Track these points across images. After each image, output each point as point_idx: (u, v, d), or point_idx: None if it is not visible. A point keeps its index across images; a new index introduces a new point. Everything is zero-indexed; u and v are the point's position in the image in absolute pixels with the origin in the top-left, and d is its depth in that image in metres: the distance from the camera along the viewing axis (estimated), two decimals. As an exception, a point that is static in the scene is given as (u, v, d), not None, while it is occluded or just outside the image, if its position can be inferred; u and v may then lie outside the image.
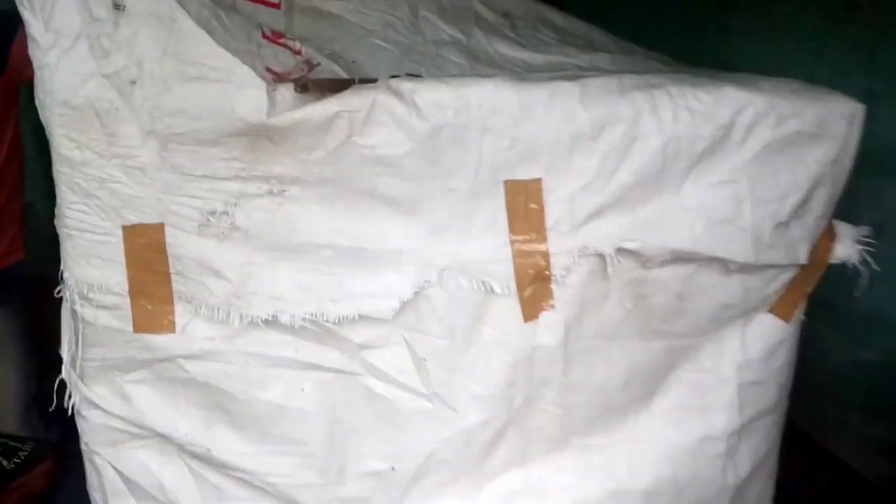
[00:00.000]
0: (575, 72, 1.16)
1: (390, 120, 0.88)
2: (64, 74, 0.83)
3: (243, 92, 0.83)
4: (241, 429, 0.97)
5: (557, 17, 1.42)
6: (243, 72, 0.83)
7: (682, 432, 1.09)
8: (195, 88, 0.83)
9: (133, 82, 0.83)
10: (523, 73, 1.18)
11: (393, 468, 1.01)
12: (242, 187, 0.89)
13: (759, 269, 1.04)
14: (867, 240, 1.12)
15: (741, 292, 1.06)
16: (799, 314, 1.12)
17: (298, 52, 0.98)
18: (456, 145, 0.91)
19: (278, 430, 0.98)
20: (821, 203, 1.05)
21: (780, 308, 1.10)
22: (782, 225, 1.03)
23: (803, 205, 1.04)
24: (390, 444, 1.01)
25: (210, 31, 0.85)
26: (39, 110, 0.86)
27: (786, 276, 1.08)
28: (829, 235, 1.10)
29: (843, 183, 1.06)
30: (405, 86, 0.89)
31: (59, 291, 0.95)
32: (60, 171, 0.87)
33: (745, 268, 1.03)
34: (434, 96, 0.89)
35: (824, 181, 1.04)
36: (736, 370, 1.10)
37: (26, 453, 1.76)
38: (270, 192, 0.90)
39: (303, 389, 0.98)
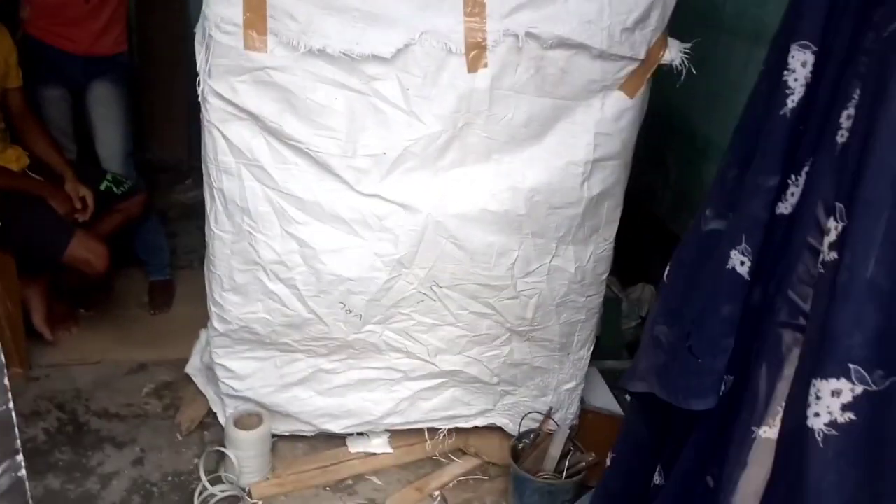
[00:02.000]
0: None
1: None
2: None
3: None
4: (299, 117, 1.69)
5: None
6: None
7: (557, 158, 1.82)
8: None
9: None
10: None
11: (384, 153, 1.74)
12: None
13: (612, 57, 1.73)
14: (687, 50, 1.80)
15: (601, 73, 1.76)
16: (639, 93, 1.82)
17: None
18: (435, -44, 1.59)
19: (320, 120, 1.69)
20: (654, 20, 1.73)
21: (626, 87, 1.80)
22: (628, 30, 1.71)
23: (643, 20, 1.72)
24: (384, 139, 1.73)
25: None
26: None
27: (631, 66, 1.77)
28: (662, 44, 1.78)
29: (671, 9, 1.74)
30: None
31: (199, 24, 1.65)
32: (211, -54, 1.55)
33: (603, 55, 1.72)
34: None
35: (657, 5, 1.71)
36: (594, 124, 1.81)
37: (129, 186, 2.52)
38: (327, -28, 1.58)
39: (336, 98, 1.69)
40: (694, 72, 1.81)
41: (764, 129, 0.93)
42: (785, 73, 0.90)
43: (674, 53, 1.79)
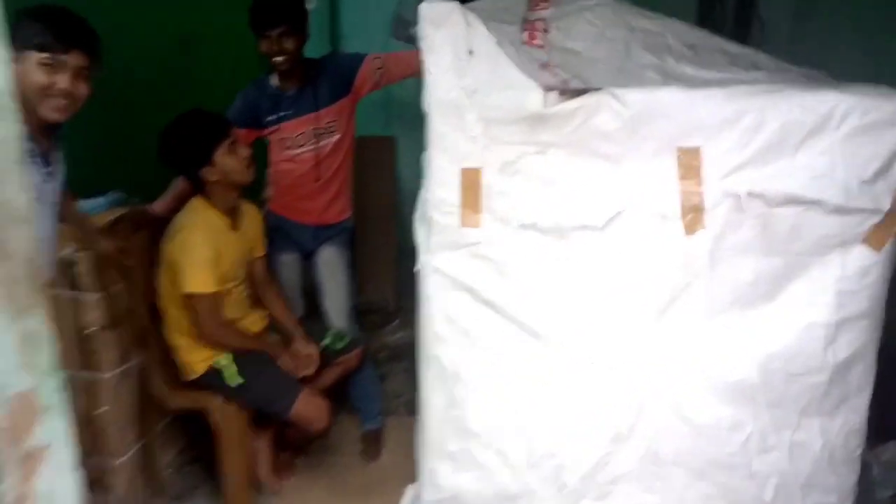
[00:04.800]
0: (737, 84, 1.76)
1: (608, 109, 1.57)
2: (441, 85, 1.63)
3: (531, 95, 1.58)
4: (512, 288, 1.70)
5: (730, 46, 2.00)
6: (532, 85, 1.57)
7: (794, 320, 1.64)
8: (506, 94, 1.59)
9: (475, 91, 1.61)
10: (700, 86, 1.80)
11: (598, 320, 1.68)
12: (524, 148, 1.64)
13: (850, 211, 1.57)
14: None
15: (839, 227, 1.59)
16: (887, 247, 1.61)
17: (557, 75, 1.70)
18: (647, 124, 1.58)
19: (533, 290, 1.69)
20: (899, 168, 1.56)
21: (871, 240, 1.61)
22: (867, 182, 1.55)
23: (885, 169, 1.55)
24: (595, 308, 1.68)
25: (514, 62, 1.60)
26: (426, 104, 1.67)
27: (874, 219, 1.59)
28: (911, 193, 1.59)
29: (919, 154, 1.55)
30: (618, 91, 1.58)
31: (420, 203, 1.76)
32: (433, 137, 1.68)
33: (839, 209, 1.57)
34: (634, 96, 1.57)
35: (901, 153, 1.54)
36: (835, 281, 1.62)
37: (348, 341, 2.68)
38: (538, 152, 1.64)
39: (548, 269, 1.69)
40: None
41: None
42: None
43: (925, 201, 1.59)
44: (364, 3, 3.81)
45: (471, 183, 1.67)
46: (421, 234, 1.77)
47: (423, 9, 1.61)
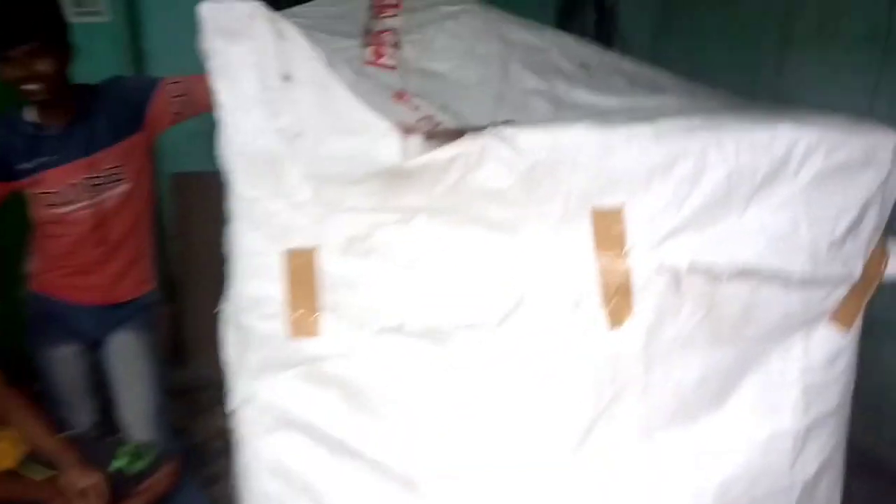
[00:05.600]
0: (646, 114, 1.34)
1: (496, 159, 1.08)
2: (243, 129, 1.06)
3: (382, 141, 1.05)
4: (369, 420, 1.16)
5: (627, 65, 1.60)
6: (383, 125, 1.04)
7: (753, 429, 1.23)
8: (346, 140, 1.05)
9: (297, 135, 1.05)
10: (601, 117, 1.36)
11: (493, 460, 1.18)
12: (378, 217, 1.10)
13: (817, 282, 1.19)
14: (919, 257, 1.25)
15: (802, 304, 1.20)
16: (857, 323, 1.25)
17: (417, 108, 1.19)
18: (550, 177, 1.10)
19: (399, 422, 1.16)
20: (872, 221, 1.19)
21: (839, 318, 1.24)
22: (837, 242, 1.17)
23: (856, 224, 1.18)
24: (490, 440, 1.17)
25: (355, 92, 1.07)
26: (221, 158, 1.09)
27: (843, 289, 1.22)
28: (882, 252, 1.24)
29: (891, 203, 1.20)
30: (508, 131, 1.08)
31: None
32: (236, 206, 1.10)
33: (804, 281, 1.18)
34: (531, 139, 1.09)
35: (874, 202, 1.18)
36: (800, 374, 1.23)
37: (152, 457, 2.00)
38: (400, 221, 1.11)
39: (421, 390, 1.16)
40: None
41: None
42: None
43: (901, 263, 1.24)
44: (175, 12, 3.12)
45: (301, 271, 1.11)
46: (230, 349, 1.18)
47: (206, 10, 1.02)
